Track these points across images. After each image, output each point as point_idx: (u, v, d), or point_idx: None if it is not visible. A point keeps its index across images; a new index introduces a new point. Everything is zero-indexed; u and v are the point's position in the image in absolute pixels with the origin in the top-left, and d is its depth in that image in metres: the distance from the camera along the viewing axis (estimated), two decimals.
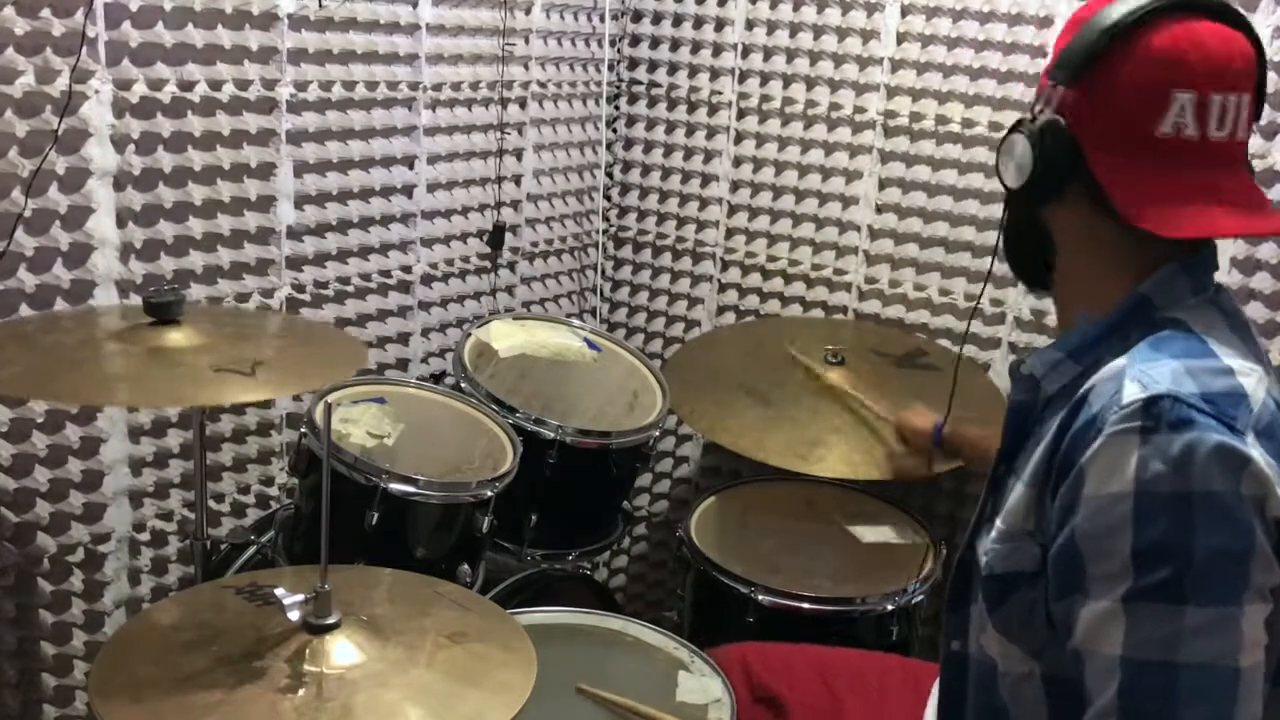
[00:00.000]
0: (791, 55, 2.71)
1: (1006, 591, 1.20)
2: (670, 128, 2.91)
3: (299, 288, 2.21)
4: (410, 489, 1.82)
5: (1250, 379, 1.09)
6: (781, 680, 1.73)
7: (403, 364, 2.50)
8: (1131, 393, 1.07)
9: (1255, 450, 1.04)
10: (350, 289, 2.33)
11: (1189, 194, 1.14)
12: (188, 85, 1.93)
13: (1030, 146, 1.18)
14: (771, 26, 2.72)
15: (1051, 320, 2.37)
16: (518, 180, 2.72)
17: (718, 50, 2.81)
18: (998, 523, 1.22)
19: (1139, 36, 1.13)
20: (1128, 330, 1.16)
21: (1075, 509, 1.08)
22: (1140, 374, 1.08)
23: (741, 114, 2.80)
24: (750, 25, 2.75)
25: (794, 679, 1.73)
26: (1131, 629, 1.03)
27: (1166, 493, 1.02)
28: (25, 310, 1.79)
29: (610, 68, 2.91)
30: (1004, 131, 1.24)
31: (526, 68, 2.65)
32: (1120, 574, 1.04)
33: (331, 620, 1.37)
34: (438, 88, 2.41)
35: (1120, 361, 1.12)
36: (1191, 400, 1.04)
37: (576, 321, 2.59)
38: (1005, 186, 1.23)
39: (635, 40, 2.92)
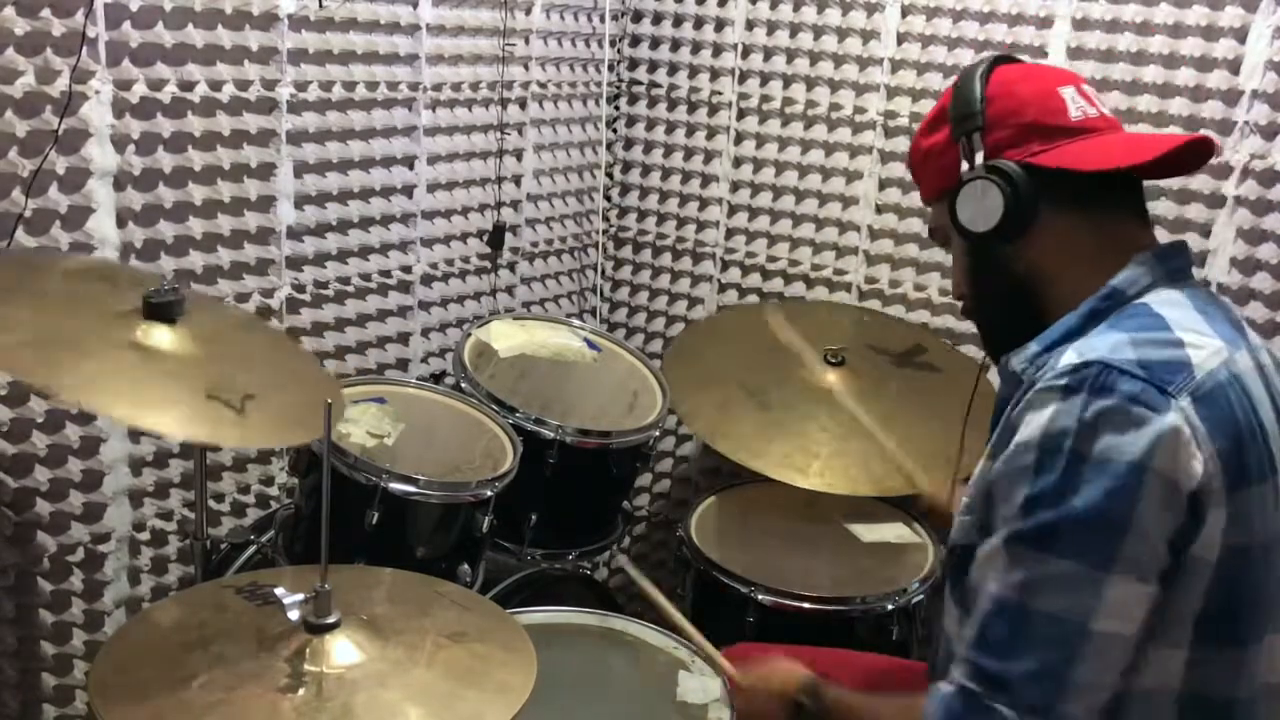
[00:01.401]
0: (792, 55, 2.71)
1: (963, 564, 1.23)
2: (670, 128, 2.91)
3: (299, 288, 2.21)
4: (410, 489, 1.82)
5: (1202, 351, 1.12)
6: None
7: (403, 364, 2.50)
8: (1067, 359, 1.12)
9: (1178, 415, 1.06)
10: (350, 289, 2.33)
11: (1130, 140, 1.28)
12: (188, 85, 1.93)
13: (987, 181, 1.22)
14: (771, 27, 2.72)
15: None
16: (518, 180, 2.72)
17: (718, 50, 2.81)
18: (964, 498, 1.26)
19: (998, 73, 1.28)
20: (1099, 318, 1.20)
21: (999, 457, 1.15)
22: (1082, 344, 1.14)
23: (742, 114, 2.80)
24: (750, 25, 2.75)
25: None
26: (1004, 567, 1.10)
27: (1067, 448, 1.07)
28: None
29: (610, 68, 2.91)
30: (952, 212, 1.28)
31: (526, 68, 2.65)
32: (1012, 517, 1.10)
33: (331, 620, 1.37)
34: (438, 88, 2.41)
35: (1078, 341, 1.17)
36: (1122, 366, 1.08)
37: (576, 321, 2.60)
38: (977, 241, 1.26)
39: (635, 40, 2.92)
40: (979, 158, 1.23)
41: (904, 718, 1.21)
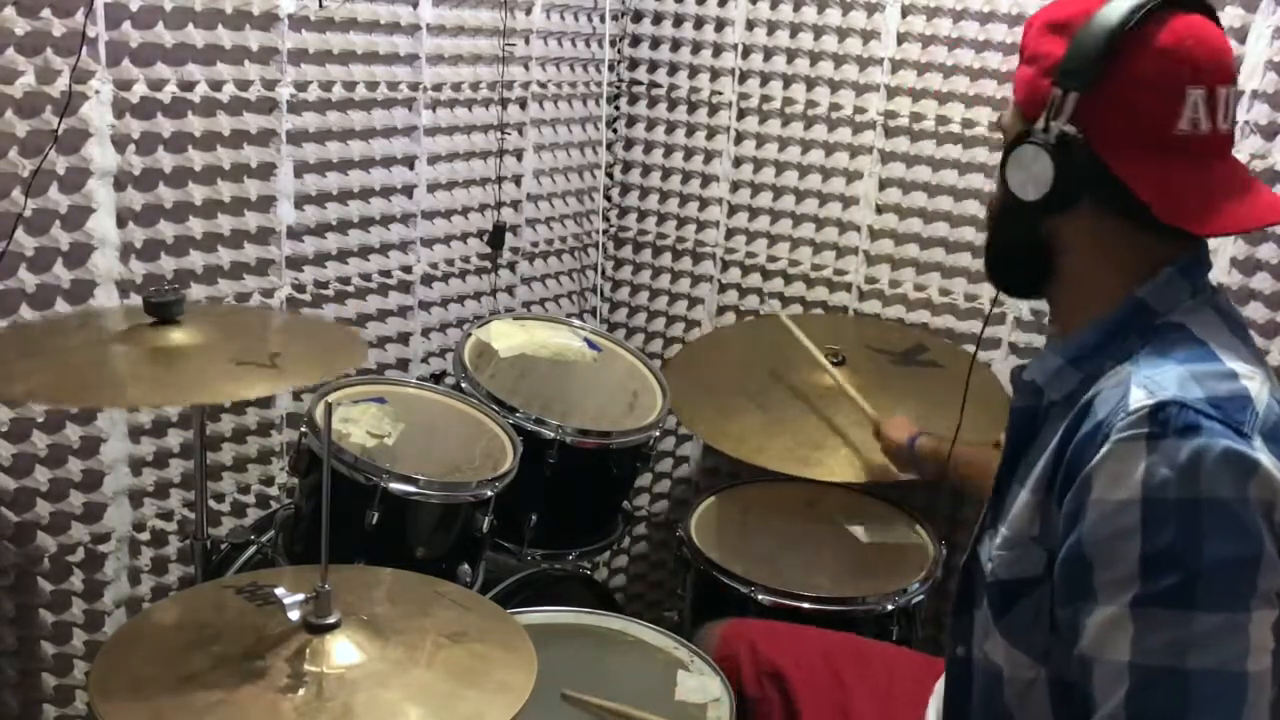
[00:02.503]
0: (792, 55, 2.71)
1: (1012, 598, 1.20)
2: (670, 128, 2.91)
3: (299, 287, 2.21)
4: (410, 489, 1.82)
5: (1254, 382, 1.10)
6: (788, 658, 1.73)
7: (403, 364, 2.50)
8: (1138, 399, 1.07)
9: (1263, 454, 1.04)
10: (350, 289, 2.33)
11: (1212, 188, 1.15)
12: (188, 85, 1.93)
13: (1048, 157, 1.15)
14: (772, 27, 2.72)
15: None
16: (518, 180, 2.72)
17: (718, 50, 2.81)
18: (1002, 529, 1.22)
19: (1145, 36, 1.13)
20: (1126, 335, 1.16)
21: (1082, 515, 1.08)
22: (1146, 380, 1.08)
23: (742, 114, 2.80)
24: (750, 25, 2.75)
25: (800, 658, 1.74)
26: (1140, 635, 1.03)
27: (1174, 499, 1.02)
28: (25, 310, 1.79)
29: (610, 68, 2.91)
30: (1008, 143, 1.21)
31: (527, 68, 2.65)
32: (1128, 580, 1.04)
33: (332, 620, 1.37)
34: (438, 88, 2.41)
35: (1126, 368, 1.12)
36: (1198, 406, 1.04)
37: (577, 321, 2.60)
38: (1015, 201, 1.19)
39: (635, 40, 2.92)
40: (1060, 122, 1.14)
41: None
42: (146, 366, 1.56)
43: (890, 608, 2.08)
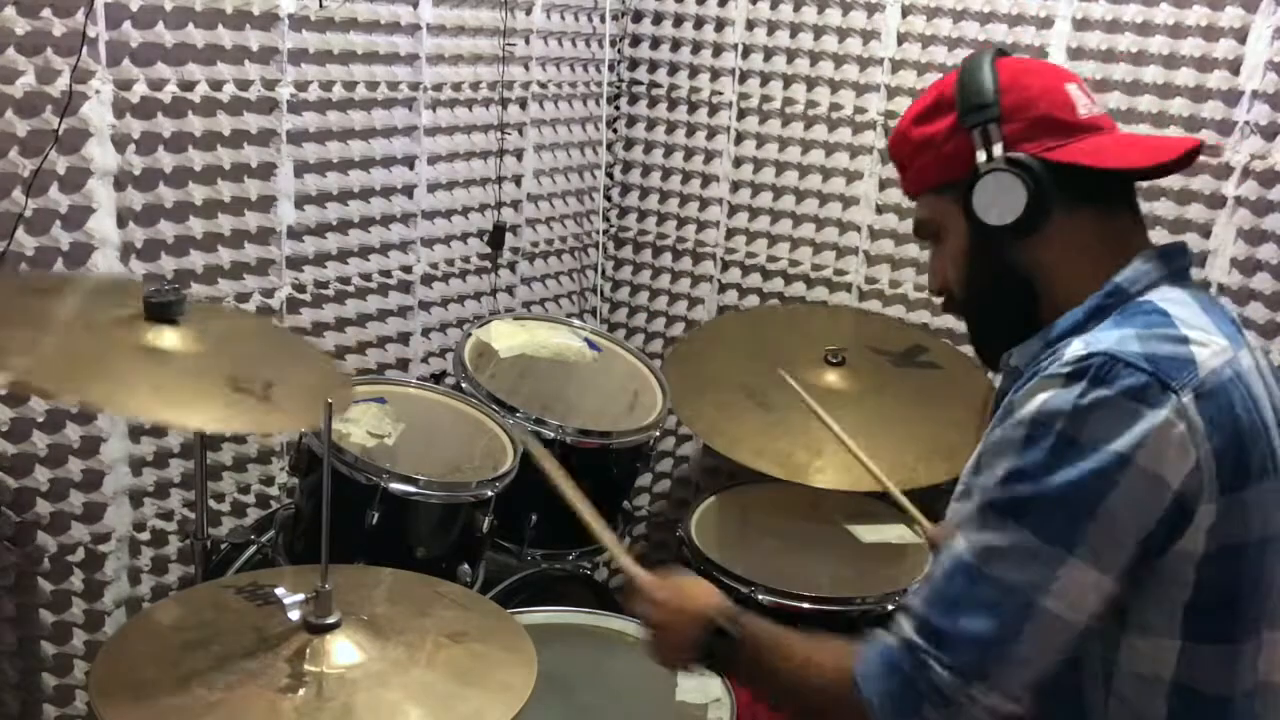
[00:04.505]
0: (792, 56, 2.71)
1: None
2: (670, 128, 2.91)
3: (299, 287, 2.21)
4: (411, 489, 1.82)
5: (1206, 349, 1.12)
6: None
7: (403, 364, 2.50)
8: (1074, 350, 1.12)
9: (1175, 411, 1.06)
10: (350, 289, 2.33)
11: (1136, 141, 1.29)
12: (188, 85, 1.93)
13: (1011, 175, 1.20)
14: (772, 27, 2.72)
15: None
16: (518, 180, 2.72)
17: (718, 50, 2.81)
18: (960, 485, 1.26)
19: (1006, 66, 1.25)
20: (1101, 315, 1.19)
21: (991, 431, 1.15)
22: (1089, 336, 1.14)
23: (742, 114, 2.80)
24: (751, 25, 2.75)
25: None
26: (973, 530, 1.11)
27: (1057, 429, 1.08)
28: None
29: (610, 68, 2.91)
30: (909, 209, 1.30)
31: (527, 68, 2.65)
32: (992, 486, 1.11)
33: (332, 620, 1.37)
34: (438, 88, 2.41)
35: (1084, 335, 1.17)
36: (1128, 358, 1.08)
37: (577, 322, 2.59)
38: (987, 236, 1.23)
39: (635, 40, 2.92)
40: (998, 149, 1.21)
41: (833, 660, 1.20)
42: (143, 372, 1.50)
43: (890, 608, 2.07)
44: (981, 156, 1.22)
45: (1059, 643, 1.09)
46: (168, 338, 1.54)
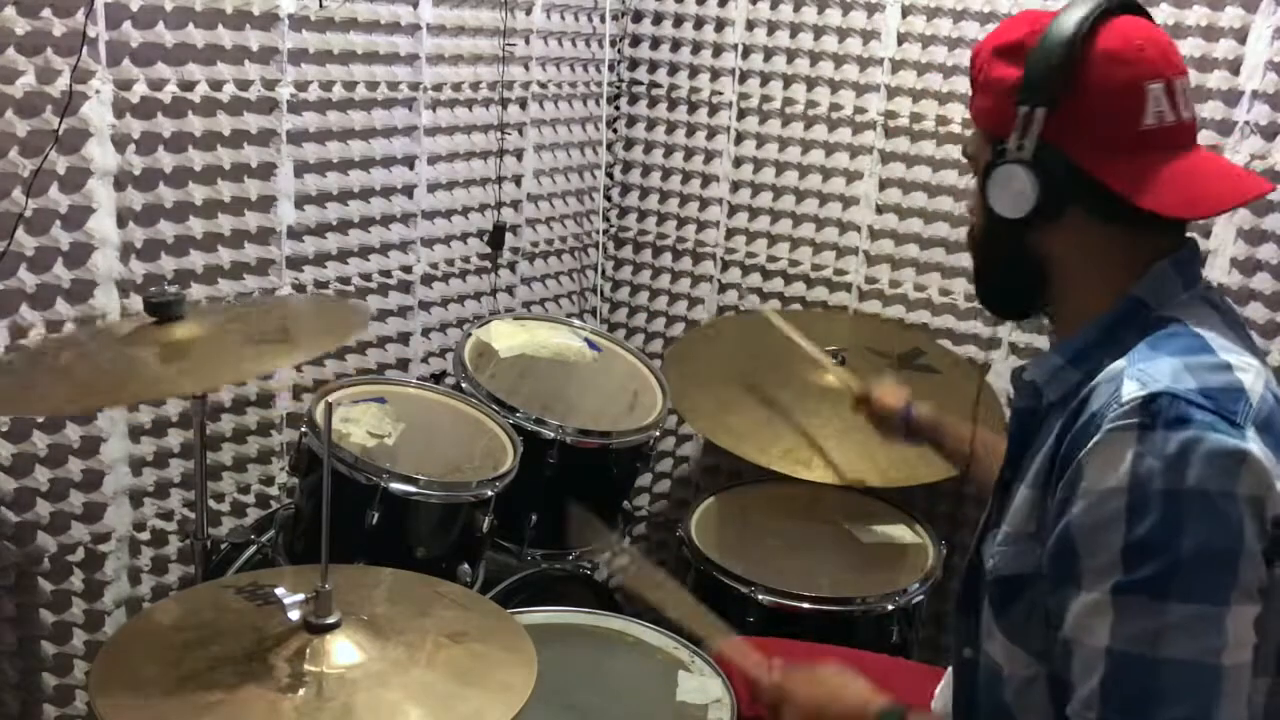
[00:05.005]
0: (792, 56, 2.71)
1: (1011, 594, 1.20)
2: (670, 128, 2.91)
3: (299, 287, 2.21)
4: (411, 489, 1.83)
5: (1248, 374, 1.10)
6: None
7: (403, 364, 2.50)
8: (1130, 390, 1.08)
9: (1255, 445, 1.04)
10: (351, 289, 2.33)
11: (1188, 174, 1.17)
12: (188, 85, 1.93)
13: (1027, 173, 1.17)
14: (772, 27, 2.72)
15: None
16: (518, 180, 2.72)
17: (718, 50, 2.81)
18: (1004, 526, 1.23)
19: (1097, 43, 1.15)
20: (1124, 333, 1.17)
21: (1071, 503, 1.09)
22: (1139, 372, 1.09)
23: (742, 114, 2.80)
24: (751, 26, 2.75)
25: None
26: (1118, 622, 1.05)
27: (1159, 489, 1.03)
28: (25, 310, 1.79)
29: (610, 68, 2.91)
30: (983, 167, 1.22)
31: (527, 68, 2.65)
32: (1110, 567, 1.05)
33: (332, 620, 1.37)
34: (438, 88, 2.41)
35: (1120, 362, 1.13)
36: (1190, 397, 1.05)
37: (577, 321, 2.60)
38: (1000, 221, 1.20)
39: (635, 40, 2.92)
40: (1032, 138, 1.15)
41: None
42: (161, 362, 1.56)
43: (890, 608, 2.08)
44: (1014, 141, 1.17)
45: (1246, 686, 1.05)
46: (176, 333, 1.60)
